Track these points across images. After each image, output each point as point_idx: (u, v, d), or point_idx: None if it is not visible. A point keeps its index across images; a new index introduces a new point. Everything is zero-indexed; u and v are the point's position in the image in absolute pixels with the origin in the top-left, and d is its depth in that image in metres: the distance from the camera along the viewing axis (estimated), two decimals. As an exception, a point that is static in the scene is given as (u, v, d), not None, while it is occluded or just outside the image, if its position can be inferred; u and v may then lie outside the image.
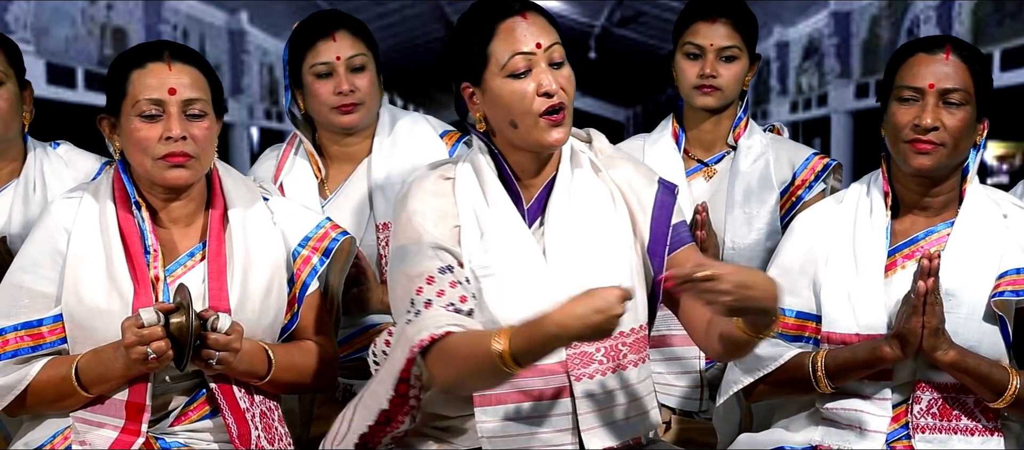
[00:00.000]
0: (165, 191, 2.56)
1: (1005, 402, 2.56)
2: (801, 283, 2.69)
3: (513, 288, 2.41)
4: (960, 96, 2.59)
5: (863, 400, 2.61)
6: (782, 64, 13.42)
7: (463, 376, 2.29)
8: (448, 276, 2.38)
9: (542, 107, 2.38)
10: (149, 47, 2.58)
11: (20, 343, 2.53)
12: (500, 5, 2.42)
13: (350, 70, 3.15)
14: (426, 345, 2.26)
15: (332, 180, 3.25)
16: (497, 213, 2.44)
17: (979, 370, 2.55)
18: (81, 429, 2.51)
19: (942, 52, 2.59)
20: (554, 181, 2.48)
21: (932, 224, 2.68)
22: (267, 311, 2.58)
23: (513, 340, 2.17)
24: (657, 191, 2.52)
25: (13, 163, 3.08)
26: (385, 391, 2.32)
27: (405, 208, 2.44)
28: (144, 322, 2.37)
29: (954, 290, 2.58)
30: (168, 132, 2.49)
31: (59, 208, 2.58)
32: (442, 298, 2.36)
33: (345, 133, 3.22)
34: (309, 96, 3.19)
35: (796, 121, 12.80)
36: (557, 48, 2.41)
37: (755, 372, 2.67)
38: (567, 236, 2.45)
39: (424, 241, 2.39)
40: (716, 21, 3.24)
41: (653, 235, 2.49)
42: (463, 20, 2.45)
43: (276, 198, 2.72)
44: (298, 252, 2.65)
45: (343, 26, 3.17)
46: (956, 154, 2.61)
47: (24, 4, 7.98)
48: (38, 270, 2.54)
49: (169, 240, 2.58)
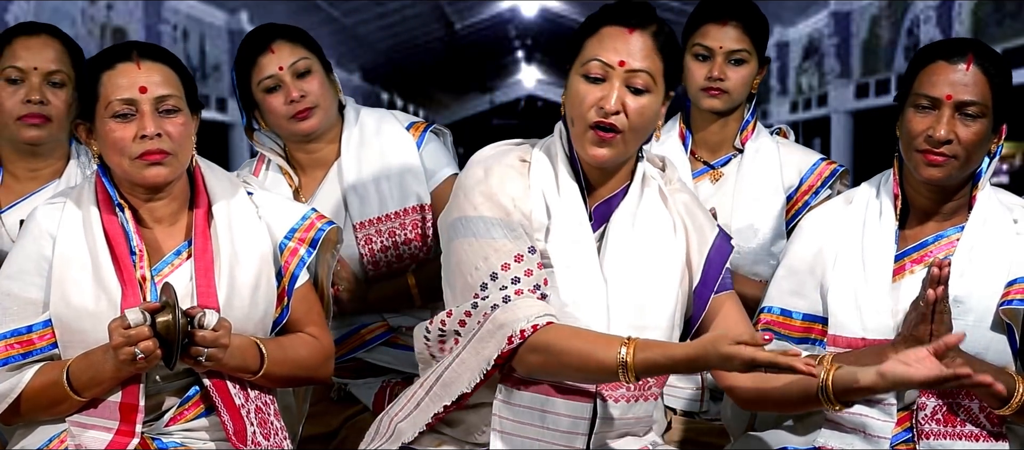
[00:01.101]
0: (145, 190, 2.55)
1: (1011, 409, 2.53)
2: (809, 285, 2.68)
3: (565, 287, 2.41)
4: (977, 109, 2.55)
5: (868, 406, 2.58)
6: (782, 64, 13.42)
7: (563, 369, 2.32)
8: (535, 257, 2.39)
9: (594, 118, 2.38)
10: (117, 48, 2.57)
11: (10, 351, 2.51)
12: (620, 10, 2.41)
13: (296, 77, 3.15)
14: (528, 335, 2.29)
15: (306, 188, 3.25)
16: (566, 207, 2.44)
17: None
18: (76, 432, 2.50)
19: (963, 62, 2.55)
20: (621, 195, 2.48)
21: (942, 228, 2.66)
22: (256, 306, 2.58)
23: (639, 353, 2.24)
24: (717, 235, 2.52)
25: (58, 163, 3.13)
26: (471, 376, 2.34)
27: (488, 182, 2.42)
28: (130, 322, 2.36)
29: (962, 297, 2.56)
30: (142, 130, 2.48)
31: (43, 214, 2.57)
32: (530, 278, 2.37)
33: (308, 140, 3.22)
34: (265, 112, 3.19)
35: (796, 121, 12.80)
36: (642, 77, 2.38)
37: None
38: (625, 252, 2.45)
39: (513, 218, 2.39)
40: (727, 24, 3.22)
41: (704, 277, 2.49)
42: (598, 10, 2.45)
43: (260, 192, 2.71)
44: (285, 245, 2.64)
45: (279, 36, 3.17)
46: (968, 165, 2.59)
47: (24, 4, 7.98)
48: (24, 277, 2.53)
49: (154, 240, 2.57)
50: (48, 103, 3.04)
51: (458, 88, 24.63)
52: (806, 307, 2.67)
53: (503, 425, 2.41)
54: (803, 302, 2.67)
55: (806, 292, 2.67)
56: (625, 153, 2.43)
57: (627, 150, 2.42)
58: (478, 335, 2.35)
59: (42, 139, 3.07)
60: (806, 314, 2.67)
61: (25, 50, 3.06)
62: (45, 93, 3.04)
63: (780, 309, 2.69)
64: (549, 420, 2.39)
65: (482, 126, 24.20)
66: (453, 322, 2.40)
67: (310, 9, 12.35)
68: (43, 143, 3.08)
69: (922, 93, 2.56)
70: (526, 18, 18.91)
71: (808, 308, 2.67)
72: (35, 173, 3.11)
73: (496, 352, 2.31)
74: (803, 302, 2.67)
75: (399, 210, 3.20)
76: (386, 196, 3.21)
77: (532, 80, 27.67)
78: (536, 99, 28.02)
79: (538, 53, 24.68)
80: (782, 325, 2.69)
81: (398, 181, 3.21)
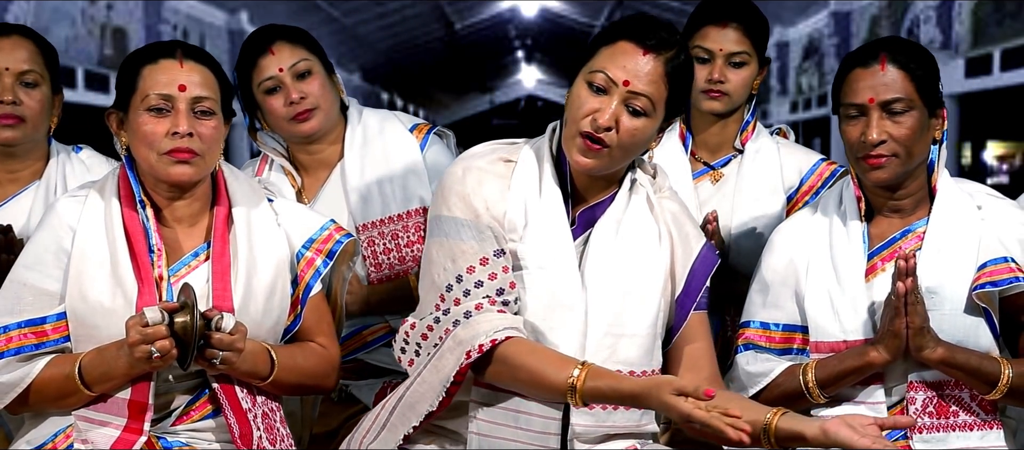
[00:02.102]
0: (169, 189, 2.56)
1: (999, 393, 2.55)
2: (784, 296, 2.69)
3: (539, 289, 2.41)
4: (902, 104, 2.57)
5: (857, 405, 2.60)
6: (782, 64, 13.43)
7: (517, 384, 2.33)
8: (502, 260, 2.39)
9: (586, 128, 2.37)
10: (162, 44, 2.58)
11: (23, 340, 2.52)
12: (640, 28, 2.40)
13: (296, 78, 3.14)
14: (486, 349, 2.30)
15: (309, 189, 3.24)
16: (545, 209, 2.44)
17: (969, 364, 2.55)
18: (83, 427, 2.51)
19: (877, 64, 2.58)
20: (608, 201, 2.48)
21: (907, 224, 2.67)
22: (270, 312, 2.59)
23: (590, 380, 2.24)
24: (703, 247, 2.52)
25: (37, 164, 3.09)
26: (434, 395, 2.34)
27: (465, 184, 2.43)
28: (148, 321, 2.36)
29: (935, 287, 2.57)
30: (175, 127, 2.50)
31: (64, 206, 2.58)
32: (494, 282, 2.37)
33: (309, 141, 3.22)
34: (266, 113, 3.19)
35: (796, 121, 12.81)
36: (643, 100, 2.37)
37: (747, 390, 2.66)
38: (607, 258, 2.45)
39: (482, 220, 2.40)
40: (727, 26, 3.21)
41: (687, 287, 2.48)
42: (622, 19, 2.44)
43: (280, 200, 2.72)
44: (302, 254, 2.65)
45: (279, 38, 3.15)
46: (911, 159, 2.60)
47: (24, 4, 8.00)
48: (42, 268, 2.54)
49: (173, 239, 2.58)
50: (21, 103, 2.99)
51: (458, 88, 24.68)
52: (784, 318, 2.69)
53: (479, 427, 2.41)
54: (780, 313, 2.69)
55: (782, 303, 2.69)
56: (610, 167, 2.43)
57: (612, 164, 2.42)
58: (439, 353, 2.36)
59: (17, 140, 3.02)
60: (785, 324, 2.69)
61: None
62: (18, 93, 3.00)
63: (759, 323, 2.71)
64: (522, 420, 2.40)
65: (482, 126, 24.23)
66: (416, 335, 2.42)
67: (310, 9, 12.37)
68: (18, 144, 3.03)
69: (848, 102, 2.60)
70: (526, 18, 18.93)
71: (786, 319, 2.69)
72: (14, 175, 3.07)
73: (455, 368, 2.32)
74: (780, 313, 2.69)
75: (402, 212, 3.21)
76: (389, 198, 3.21)
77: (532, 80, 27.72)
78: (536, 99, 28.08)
79: (538, 53, 24.72)
80: (763, 338, 2.70)
81: (401, 183, 3.21)
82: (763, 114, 13.88)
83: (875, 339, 2.55)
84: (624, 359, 2.40)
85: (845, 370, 2.58)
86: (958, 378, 2.56)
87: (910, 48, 2.61)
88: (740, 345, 2.71)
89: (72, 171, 3.08)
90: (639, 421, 2.46)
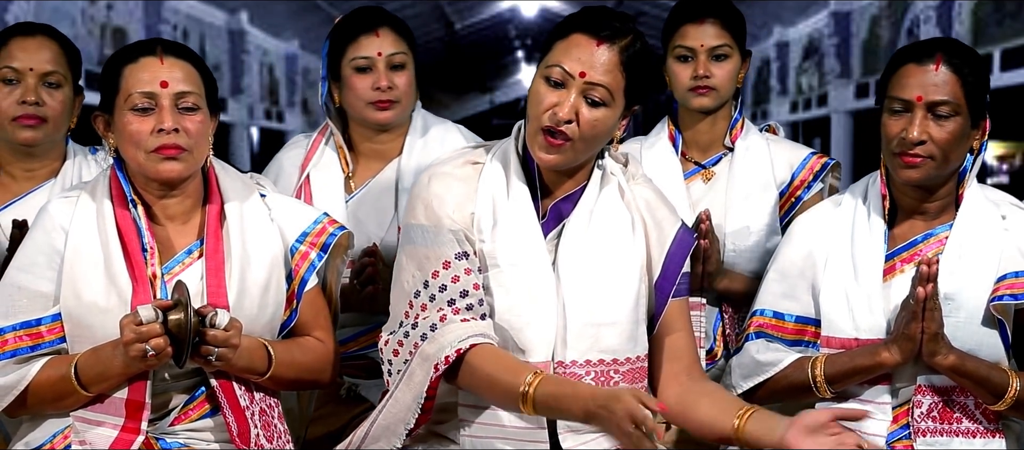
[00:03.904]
0: (159, 186, 2.56)
1: (1005, 404, 2.56)
2: (800, 287, 2.70)
3: (513, 286, 2.43)
4: (949, 108, 2.57)
5: (863, 404, 2.60)
6: (782, 64, 13.42)
7: (482, 392, 2.37)
8: (464, 262, 2.41)
9: (546, 123, 2.39)
10: (142, 43, 2.59)
11: (19, 343, 2.53)
12: (592, 19, 2.42)
13: (390, 68, 3.17)
14: (452, 360, 2.32)
15: (359, 176, 3.26)
16: (513, 208, 2.46)
17: (978, 373, 2.55)
18: (81, 428, 2.51)
19: (932, 62, 2.57)
20: (578, 194, 2.49)
21: (930, 227, 2.67)
22: (265, 307, 2.59)
23: (540, 388, 2.26)
24: (679, 229, 2.53)
25: (54, 163, 3.14)
26: (411, 413, 2.37)
27: (429, 190, 2.46)
28: (142, 319, 2.37)
29: (953, 294, 2.58)
30: (160, 124, 2.50)
31: (56, 207, 2.58)
32: (457, 284, 2.40)
33: (378, 129, 3.23)
34: (346, 89, 3.19)
35: (796, 121, 12.80)
36: (600, 91, 2.39)
37: (754, 377, 2.67)
38: (581, 253, 2.46)
39: (444, 225, 2.43)
40: (704, 22, 3.24)
41: (665, 271, 2.50)
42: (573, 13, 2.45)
43: (272, 194, 2.72)
44: (296, 248, 2.65)
45: (387, 23, 3.19)
46: (946, 165, 2.60)
47: (24, 4, 7.99)
48: (36, 269, 2.54)
49: (166, 237, 2.58)
50: (44, 104, 3.04)
51: (458, 88, 24.64)
52: (798, 310, 2.69)
53: (470, 428, 2.43)
54: (795, 304, 2.69)
55: (798, 294, 2.69)
56: (574, 160, 2.44)
57: (576, 157, 2.44)
58: (409, 370, 2.38)
59: (38, 140, 3.07)
60: (799, 316, 2.69)
61: (21, 51, 3.06)
62: (41, 94, 3.04)
63: (773, 312, 2.71)
64: (507, 418, 2.41)
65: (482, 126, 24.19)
66: (388, 351, 2.44)
67: (310, 9, 12.36)
68: (39, 144, 3.08)
69: (894, 96, 2.58)
70: (526, 18, 18.91)
71: (800, 310, 2.69)
72: (31, 173, 3.12)
73: (426, 383, 2.35)
74: (795, 304, 2.69)
75: None
76: None
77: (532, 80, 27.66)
78: (536, 99, 27.99)
79: (538, 53, 24.71)
80: (775, 328, 2.71)
81: None
82: (763, 114, 13.87)
83: (889, 340, 2.55)
84: (607, 347, 2.42)
85: (855, 368, 2.57)
86: (966, 386, 2.56)
87: (967, 53, 2.60)
88: (752, 332, 2.71)
89: (88, 172, 3.11)
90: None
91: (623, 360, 2.44)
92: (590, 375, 2.42)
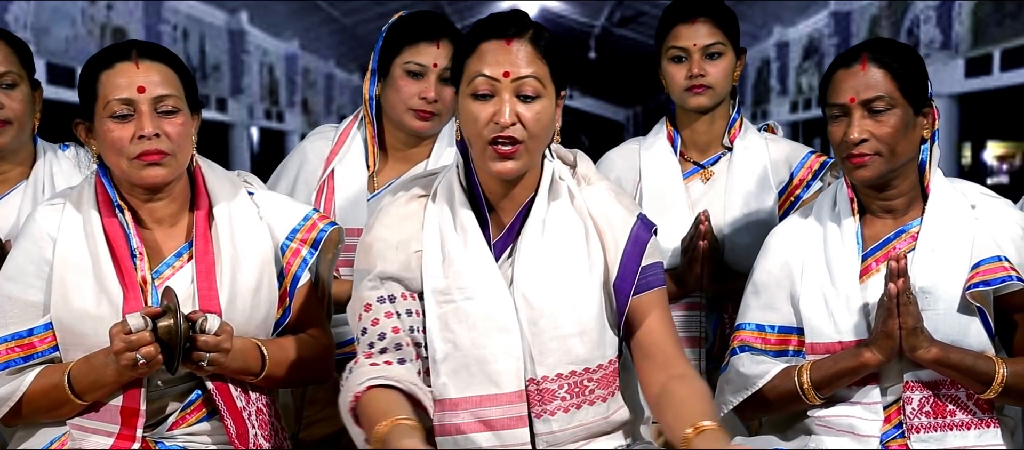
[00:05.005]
0: (145, 191, 2.55)
1: (994, 392, 2.57)
2: (779, 298, 2.70)
3: (472, 318, 2.39)
4: (884, 103, 2.59)
5: (853, 406, 2.61)
6: (782, 64, 13.44)
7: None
8: (385, 306, 2.38)
9: (491, 134, 2.35)
10: (116, 47, 2.55)
11: (11, 354, 2.51)
12: (493, 24, 2.39)
13: (440, 81, 3.15)
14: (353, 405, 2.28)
15: (383, 175, 3.24)
16: (462, 239, 2.42)
17: (963, 363, 2.56)
18: (77, 436, 2.50)
19: (858, 64, 2.60)
20: (528, 208, 2.45)
21: (901, 224, 2.68)
22: (258, 307, 2.58)
23: (392, 437, 2.17)
24: (634, 225, 2.47)
25: (23, 165, 3.08)
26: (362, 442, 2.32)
27: (372, 232, 2.44)
28: (131, 328, 2.35)
29: (929, 287, 2.59)
30: (140, 130, 2.47)
31: (42, 216, 2.56)
32: (376, 327, 2.36)
33: (413, 135, 3.22)
34: (391, 89, 3.17)
35: (796, 121, 12.80)
36: (531, 82, 2.35)
37: (743, 392, 2.67)
38: (536, 269, 2.42)
39: (374, 270, 2.40)
40: (696, 21, 3.24)
41: (622, 271, 2.44)
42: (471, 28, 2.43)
43: (261, 192, 2.71)
44: (286, 245, 2.64)
45: (448, 36, 3.15)
46: (895, 158, 2.61)
47: (24, 4, 7.99)
48: (25, 279, 2.52)
49: (154, 241, 2.56)
50: (3, 107, 2.98)
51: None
52: (780, 320, 2.70)
53: (454, 442, 2.39)
54: (776, 315, 2.70)
55: (777, 305, 2.70)
56: (530, 162, 2.40)
57: (532, 159, 2.39)
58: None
59: (4, 144, 3.01)
60: (781, 327, 2.70)
61: None
62: None
63: (755, 324, 2.72)
64: (487, 438, 2.38)
65: (482, 126, 24.11)
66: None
67: (310, 9, 12.34)
68: (6, 147, 3.02)
69: (832, 103, 2.62)
70: (526, 18, 18.88)
71: (782, 321, 2.70)
72: (3, 177, 3.06)
73: (351, 421, 2.30)
74: (776, 315, 2.70)
75: None
76: None
77: (532, 80, 27.61)
78: (536, 99, 27.94)
79: (538, 53, 24.64)
80: (758, 340, 2.71)
81: None
82: (763, 114, 13.87)
83: (869, 340, 2.56)
84: (577, 358, 2.38)
85: (840, 371, 2.58)
86: (953, 377, 2.57)
87: (893, 48, 2.63)
88: (736, 347, 2.71)
89: (59, 169, 3.06)
90: (607, 413, 2.44)
91: (595, 367, 2.41)
92: (564, 388, 2.39)
